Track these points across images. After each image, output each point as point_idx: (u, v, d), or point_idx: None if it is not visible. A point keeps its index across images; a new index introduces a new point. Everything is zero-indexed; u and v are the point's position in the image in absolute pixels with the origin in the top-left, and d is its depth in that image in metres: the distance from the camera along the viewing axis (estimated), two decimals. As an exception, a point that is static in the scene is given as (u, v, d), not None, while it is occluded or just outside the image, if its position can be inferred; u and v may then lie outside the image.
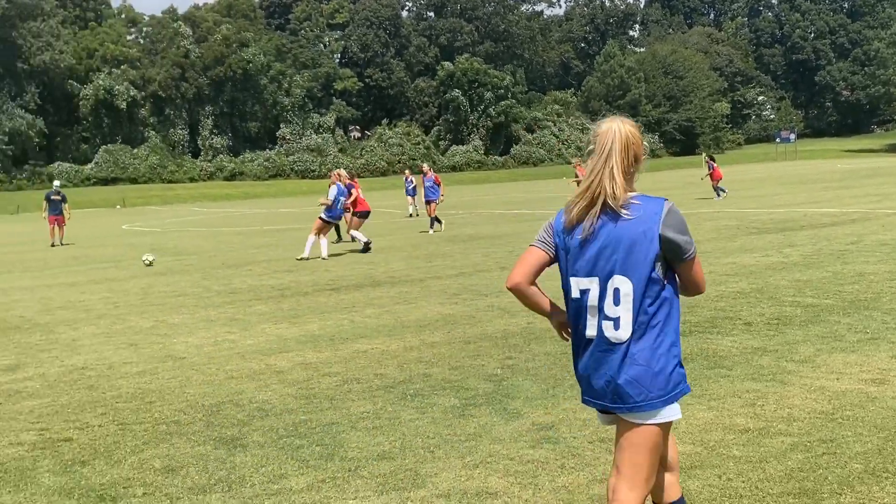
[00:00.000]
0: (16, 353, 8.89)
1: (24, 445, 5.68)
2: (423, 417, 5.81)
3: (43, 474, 5.09)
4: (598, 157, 3.03)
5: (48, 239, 25.98)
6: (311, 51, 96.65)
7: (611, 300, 2.99)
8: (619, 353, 3.00)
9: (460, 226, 24.15)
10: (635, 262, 2.95)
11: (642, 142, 3.10)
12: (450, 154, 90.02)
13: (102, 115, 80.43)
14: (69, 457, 5.39)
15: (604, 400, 3.09)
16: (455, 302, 10.68)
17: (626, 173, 3.02)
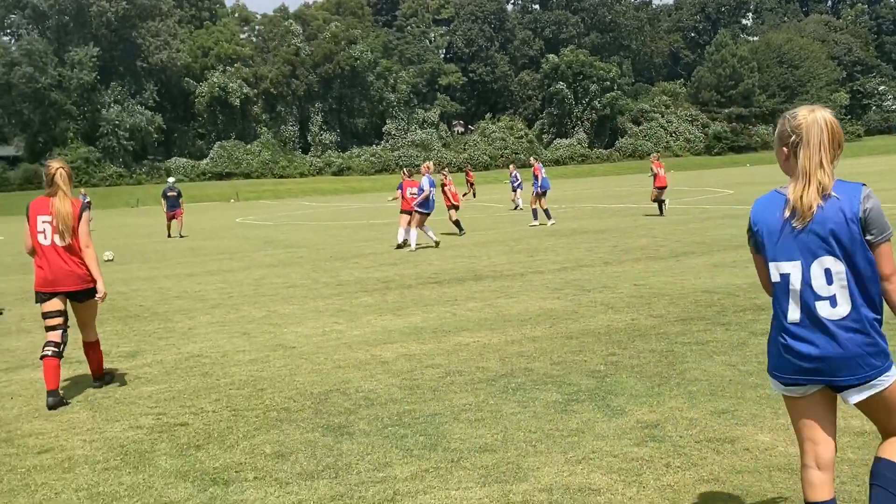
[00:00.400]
0: (135, 341, 9.31)
1: (142, 429, 5.95)
2: (525, 411, 5.82)
3: (160, 457, 5.32)
4: (807, 148, 3.20)
5: (165, 232, 27.13)
6: (417, 46, 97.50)
7: (822, 281, 3.19)
8: (840, 328, 3.17)
9: (563, 220, 23.96)
10: (842, 243, 3.14)
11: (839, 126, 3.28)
12: (553, 147, 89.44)
13: (217, 111, 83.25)
14: (185, 441, 5.62)
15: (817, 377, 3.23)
16: (557, 297, 10.62)
17: (833, 161, 3.22)
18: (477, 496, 4.39)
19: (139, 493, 4.70)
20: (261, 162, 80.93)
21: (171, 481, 4.87)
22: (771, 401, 5.73)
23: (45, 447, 5.63)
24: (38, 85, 72.23)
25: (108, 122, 75.63)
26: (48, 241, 6.76)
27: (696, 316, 8.85)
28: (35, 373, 7.94)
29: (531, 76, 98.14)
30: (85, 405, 6.66)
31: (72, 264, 6.80)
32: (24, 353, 8.95)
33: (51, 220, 6.75)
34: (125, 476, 5.00)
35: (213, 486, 4.74)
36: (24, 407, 6.71)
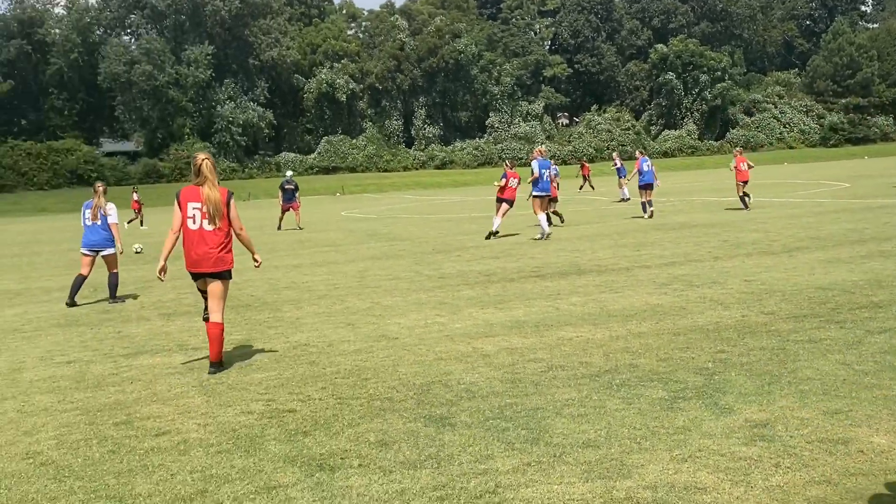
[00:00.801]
0: (247, 330, 9.61)
1: (253, 414, 6.14)
2: (629, 408, 5.75)
3: (270, 442, 5.49)
4: None
5: (277, 224, 27.78)
6: (522, 38, 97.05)
7: None
8: None
9: (671, 213, 23.49)
10: None
11: None
12: (661, 139, 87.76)
13: (324, 107, 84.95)
14: (293, 426, 5.78)
15: None
16: (664, 292, 10.43)
17: None
18: (579, 491, 4.36)
19: (250, 476, 4.86)
20: (365, 156, 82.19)
21: (279, 465, 5.02)
22: (888, 402, 5.50)
23: (161, 430, 5.88)
24: (156, 83, 75.15)
25: (223, 118, 78.12)
26: (196, 226, 7.38)
27: (809, 313, 8.55)
28: (153, 359, 8.30)
29: (639, 66, 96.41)
30: (199, 390, 6.92)
31: (214, 248, 7.39)
32: (143, 340, 9.35)
33: (201, 206, 7.35)
34: (237, 459, 5.17)
35: (319, 472, 4.86)
36: (143, 391, 7.02)
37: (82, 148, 73.59)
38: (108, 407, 6.57)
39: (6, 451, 5.62)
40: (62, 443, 5.71)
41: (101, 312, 11.66)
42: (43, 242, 28.26)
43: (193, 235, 7.39)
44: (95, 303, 12.66)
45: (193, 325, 10.09)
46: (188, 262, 7.51)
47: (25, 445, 5.71)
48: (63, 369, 8.05)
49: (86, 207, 12.61)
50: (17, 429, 6.12)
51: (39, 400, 6.91)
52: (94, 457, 5.38)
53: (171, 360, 8.20)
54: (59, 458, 5.38)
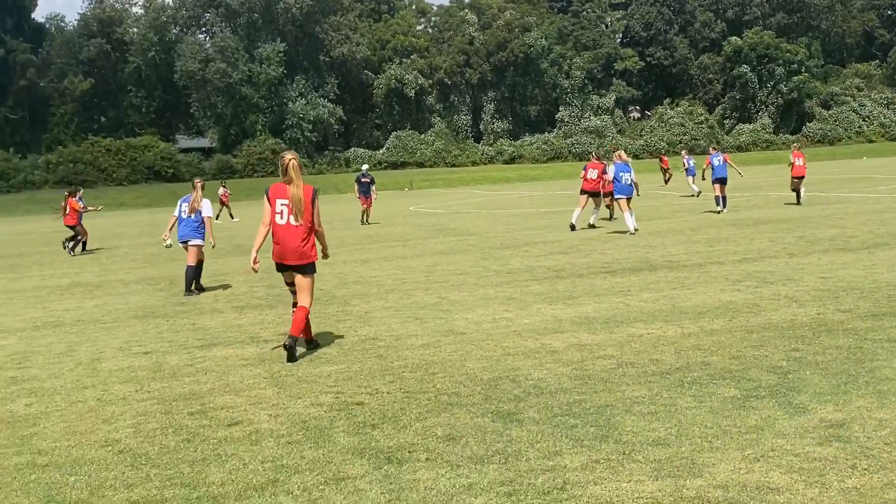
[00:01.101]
0: (316, 323, 9.73)
1: (322, 406, 6.23)
2: (700, 406, 5.66)
3: (338, 434, 5.56)
4: None
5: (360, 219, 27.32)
6: (593, 31, 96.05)
7: None
8: None
9: (746, 209, 23.01)
10: None
11: None
12: (735, 133, 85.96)
13: (393, 102, 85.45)
14: (361, 419, 5.84)
15: None
16: (737, 289, 10.23)
17: None
18: (649, 490, 4.32)
19: (319, 468, 4.93)
20: (434, 151, 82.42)
21: (348, 458, 5.08)
22: (975, 405, 5.30)
23: (234, 420, 6.00)
24: (230, 80, 76.59)
25: (293, 114, 79.23)
26: (283, 221, 7.87)
27: (888, 311, 8.29)
28: (226, 350, 8.48)
29: (712, 59, 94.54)
30: (270, 382, 7.05)
31: (298, 242, 7.86)
32: (217, 332, 9.56)
33: (287, 203, 7.83)
34: (306, 450, 5.25)
35: (387, 465, 4.90)
36: (217, 382, 7.18)
37: (159, 144, 75.49)
38: (183, 397, 6.73)
39: (86, 438, 5.80)
40: (139, 431, 5.88)
41: (176, 305, 11.95)
42: (122, 236, 29.08)
43: (281, 230, 7.88)
44: (171, 295, 12.98)
45: (265, 318, 10.28)
46: (275, 253, 7.99)
47: (104, 433, 5.89)
48: (140, 360, 8.28)
49: (183, 201, 13.09)
50: (96, 417, 6.32)
51: (118, 389, 7.13)
52: (170, 445, 5.52)
53: (243, 351, 8.37)
54: (136, 446, 5.54)
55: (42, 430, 6.07)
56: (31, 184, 70.27)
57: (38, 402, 6.87)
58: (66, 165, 71.35)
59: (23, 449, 5.64)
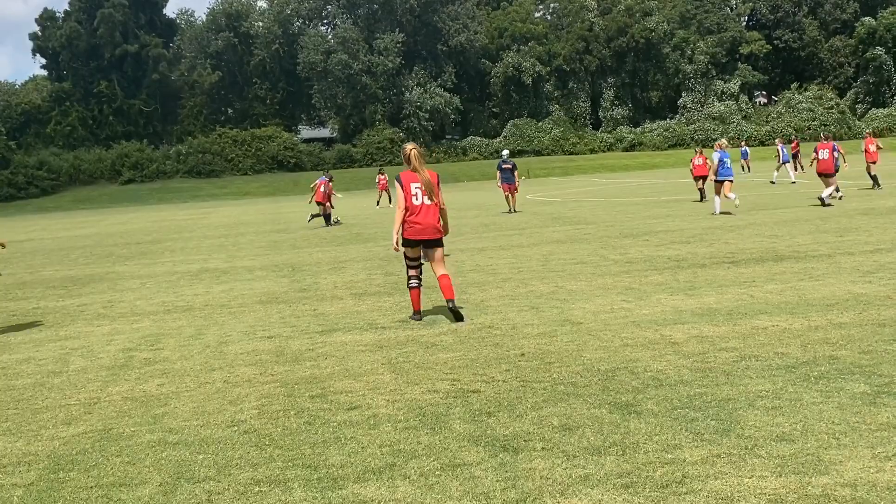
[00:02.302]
0: (433, 311, 9.84)
1: (439, 393, 6.30)
2: (827, 402, 5.44)
3: (454, 420, 5.61)
4: None
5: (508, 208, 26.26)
6: (717, 15, 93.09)
7: None
8: None
9: (879, 197, 21.91)
10: None
11: None
12: (868, 118, 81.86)
13: (510, 90, 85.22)
14: (477, 407, 5.87)
15: None
16: (869, 280, 9.76)
17: None
18: (772, 486, 4.18)
19: (436, 454, 4.99)
20: (552, 139, 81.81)
21: (464, 444, 5.12)
22: None
23: (353, 404, 6.14)
24: (350, 71, 78.09)
25: (411, 104, 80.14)
26: (419, 202, 8.89)
27: None
28: (346, 336, 8.68)
29: (843, 42, 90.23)
30: (388, 368, 7.17)
31: (434, 220, 8.97)
32: (336, 318, 9.79)
33: (420, 186, 8.88)
34: (423, 436, 5.33)
35: (503, 453, 4.92)
36: (337, 367, 7.35)
37: (282, 135, 77.79)
38: (304, 380, 6.93)
39: (213, 418, 6.06)
40: (263, 413, 6.09)
41: (298, 291, 12.30)
42: (247, 224, 30.13)
43: (418, 209, 8.88)
44: (294, 282, 13.36)
45: (383, 305, 10.45)
46: (411, 231, 8.92)
47: (230, 414, 6.13)
48: (264, 343, 8.57)
49: None
50: (223, 398, 6.58)
51: (243, 372, 7.40)
52: (292, 427, 5.70)
53: (362, 337, 8.54)
54: (261, 427, 5.74)
55: (173, 409, 6.37)
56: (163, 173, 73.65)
57: (169, 382, 7.21)
58: (196, 156, 74.44)
59: (155, 427, 5.93)
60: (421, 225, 8.90)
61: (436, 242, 9.06)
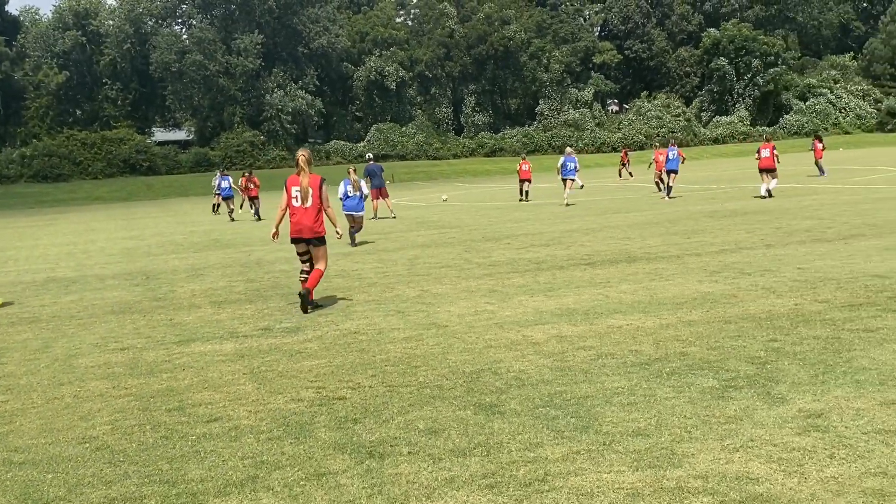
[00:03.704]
0: (297, 317, 9.71)
1: (303, 401, 6.20)
2: (679, 397, 5.69)
3: (319, 429, 5.54)
4: None
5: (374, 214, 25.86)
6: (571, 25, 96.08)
7: None
8: None
9: (723, 200, 23.15)
10: None
11: None
12: (712, 126, 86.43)
13: (374, 95, 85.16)
14: (342, 414, 5.82)
15: None
16: (715, 280, 10.29)
17: None
18: (629, 480, 4.33)
19: (300, 463, 4.91)
20: (415, 144, 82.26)
21: (329, 453, 5.06)
22: (950, 394, 5.36)
23: (213, 416, 5.97)
24: (206, 72, 76.03)
25: (272, 106, 78.77)
26: (298, 204, 9.84)
27: (865, 301, 8.37)
28: (205, 346, 8.43)
29: (689, 52, 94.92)
30: (250, 378, 7.01)
31: (309, 220, 9.82)
32: (194, 327, 9.50)
33: (299, 189, 9.81)
34: (287, 446, 5.23)
35: (369, 459, 4.89)
36: (195, 378, 7.13)
37: (135, 137, 74.81)
38: (160, 393, 6.69)
39: (63, 435, 5.75)
40: (117, 428, 5.83)
41: (153, 300, 11.87)
42: (98, 231, 28.84)
43: (296, 211, 9.87)
44: (148, 290, 12.88)
45: (244, 313, 10.22)
46: (292, 230, 9.96)
47: (81, 430, 5.84)
48: (117, 356, 8.21)
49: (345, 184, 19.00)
50: (73, 414, 6.26)
51: (95, 386, 7.07)
52: (148, 442, 5.48)
53: (222, 347, 8.32)
54: (114, 443, 5.50)
55: (18, 427, 6.01)
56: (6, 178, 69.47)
57: (13, 398, 6.81)
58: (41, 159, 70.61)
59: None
60: (299, 225, 9.87)
61: (314, 241, 9.90)
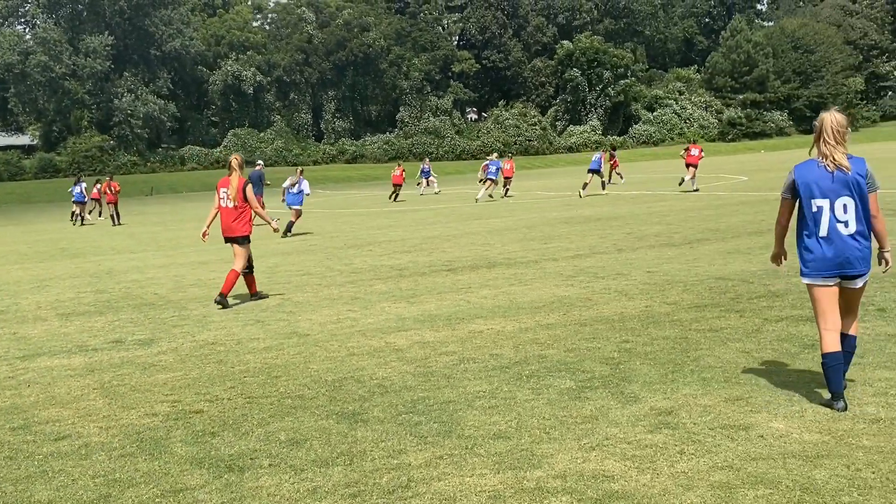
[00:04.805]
0: (151, 329, 9.36)
1: (158, 416, 5.98)
2: (538, 398, 5.82)
3: (176, 444, 5.36)
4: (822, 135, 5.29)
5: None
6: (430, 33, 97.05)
7: (841, 211, 5.21)
8: (849, 241, 5.22)
9: (577, 207, 23.91)
10: (853, 190, 5.18)
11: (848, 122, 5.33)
12: (566, 134, 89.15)
13: (230, 99, 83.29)
14: (200, 428, 5.65)
15: (840, 270, 5.26)
16: (571, 284, 10.61)
17: (843, 144, 5.24)
18: (491, 483, 4.40)
19: (155, 480, 4.73)
20: (274, 150, 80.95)
21: (186, 468, 4.90)
22: (785, 387, 5.72)
23: (61, 434, 5.67)
24: (52, 74, 72.38)
25: (122, 110, 75.75)
26: (224, 204, 10.50)
27: (710, 303, 8.82)
28: (51, 361, 8.01)
29: (545, 63, 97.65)
30: (101, 392, 6.71)
31: (232, 221, 10.47)
32: (40, 341, 9.01)
33: (228, 191, 10.43)
34: (141, 463, 5.03)
35: (228, 473, 4.77)
36: (41, 394, 6.76)
37: (-27, 142, 70.35)
38: (3, 411, 6.30)
39: None
40: (-46, 450, 5.45)
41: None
42: (-69, 241, 26.91)
43: (223, 211, 10.55)
44: (-11, 303, 12.13)
45: (94, 325, 9.78)
46: (221, 230, 10.66)
47: (-86, 454, 5.43)
48: (-46, 373, 7.68)
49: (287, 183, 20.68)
50: None
51: (-71, 406, 6.58)
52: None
53: (70, 361, 7.92)
54: (-49, 467, 5.14)
55: None
56: None
57: None
58: None
59: None
60: (223, 224, 10.59)
61: (234, 240, 10.57)
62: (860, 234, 5.22)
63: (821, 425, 4.94)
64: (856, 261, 5.23)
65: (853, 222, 5.20)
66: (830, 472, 4.25)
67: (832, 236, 5.22)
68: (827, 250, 5.24)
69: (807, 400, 5.44)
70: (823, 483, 4.14)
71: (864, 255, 5.23)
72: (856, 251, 5.21)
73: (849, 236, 5.21)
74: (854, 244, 5.21)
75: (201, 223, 26.26)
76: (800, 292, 8.99)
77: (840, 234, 5.21)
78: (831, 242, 5.23)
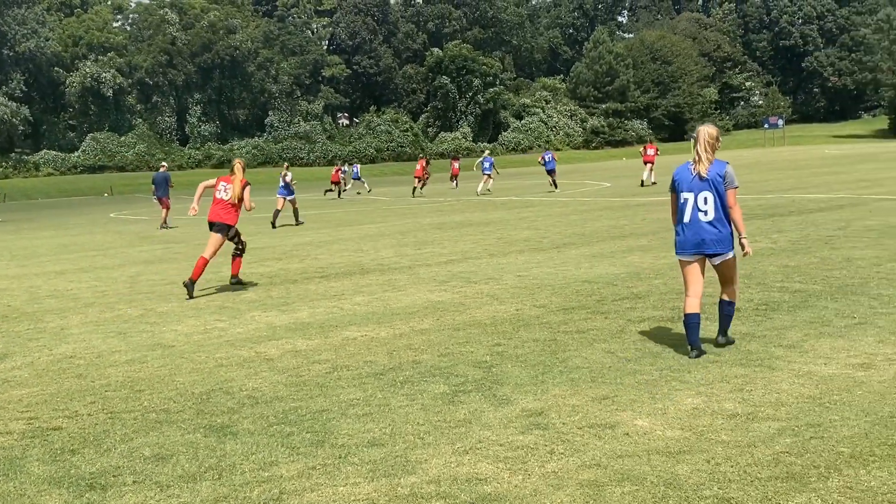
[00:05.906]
0: (3, 343, 8.86)
1: (12, 434, 5.66)
2: (413, 404, 5.83)
3: (32, 463, 5.08)
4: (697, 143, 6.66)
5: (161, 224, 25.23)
6: (299, 37, 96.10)
7: (703, 202, 6.50)
8: (707, 227, 6.51)
9: (449, 213, 24.13)
10: (713, 186, 6.47)
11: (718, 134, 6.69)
12: (438, 141, 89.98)
13: (89, 102, 79.96)
14: (58, 445, 5.38)
15: (698, 249, 6.57)
16: (444, 289, 10.69)
17: (712, 151, 6.55)
18: (365, 491, 4.36)
19: (10, 502, 4.46)
20: (136, 154, 78.21)
21: (44, 488, 4.65)
22: (648, 386, 5.92)
23: None
24: None
25: (-30, 113, 71.55)
26: (220, 196, 11.64)
27: (577, 305, 9.06)
28: None
29: (415, 70, 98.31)
30: (-53, 412, 6.28)
31: (223, 211, 11.60)
32: None
33: (227, 186, 11.65)
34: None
35: (89, 492, 4.55)
36: None
37: None
38: None
39: None
40: None
41: None
42: None
43: (217, 201, 11.64)
44: None
45: (-60, 341, 9.16)
46: (209, 215, 11.73)
47: None
48: None
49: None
50: None
51: None
52: None
53: (-88, 380, 7.39)
54: None
55: None
56: None
57: None
58: None
59: None
60: (214, 210, 11.63)
61: (218, 226, 11.59)
62: (718, 221, 6.47)
63: (682, 422, 5.14)
64: (711, 242, 6.48)
65: (711, 211, 6.47)
66: (692, 467, 4.43)
67: (693, 222, 6.53)
68: (688, 233, 6.57)
69: (669, 398, 5.66)
70: (686, 478, 4.30)
71: (718, 239, 6.48)
72: (711, 234, 6.48)
73: (706, 223, 6.48)
74: (711, 229, 6.48)
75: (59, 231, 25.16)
76: (660, 294, 9.36)
77: (699, 221, 6.50)
78: (692, 227, 6.54)
